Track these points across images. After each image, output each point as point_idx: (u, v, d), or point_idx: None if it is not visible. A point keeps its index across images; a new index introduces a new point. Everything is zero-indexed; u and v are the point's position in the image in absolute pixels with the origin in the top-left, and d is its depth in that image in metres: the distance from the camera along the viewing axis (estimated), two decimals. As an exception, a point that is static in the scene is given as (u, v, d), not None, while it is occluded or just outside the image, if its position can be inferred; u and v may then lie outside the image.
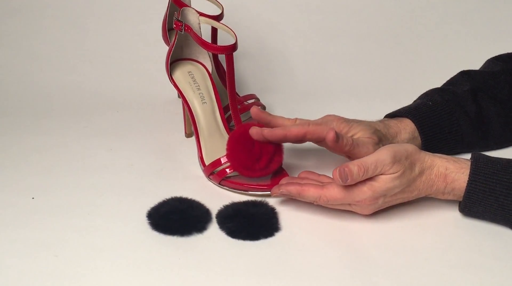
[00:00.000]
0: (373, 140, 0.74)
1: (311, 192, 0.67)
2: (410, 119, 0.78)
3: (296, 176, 0.73)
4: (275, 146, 0.72)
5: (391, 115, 0.81)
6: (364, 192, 0.66)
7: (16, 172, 0.78)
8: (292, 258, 0.63)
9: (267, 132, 0.71)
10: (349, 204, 0.68)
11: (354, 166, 0.64)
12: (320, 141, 0.73)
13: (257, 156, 0.71)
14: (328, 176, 0.71)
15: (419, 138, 0.78)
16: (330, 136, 0.69)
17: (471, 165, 0.67)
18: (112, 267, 0.61)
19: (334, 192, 0.66)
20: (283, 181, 0.71)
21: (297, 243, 0.65)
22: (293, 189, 0.68)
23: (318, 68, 1.04)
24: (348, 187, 0.66)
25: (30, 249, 0.63)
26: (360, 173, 0.64)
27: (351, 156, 0.73)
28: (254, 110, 0.74)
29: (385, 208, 0.69)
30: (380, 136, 0.75)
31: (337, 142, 0.69)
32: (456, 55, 1.03)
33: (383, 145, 0.72)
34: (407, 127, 0.78)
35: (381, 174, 0.65)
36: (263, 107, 0.89)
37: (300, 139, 0.73)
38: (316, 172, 0.72)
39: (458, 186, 0.67)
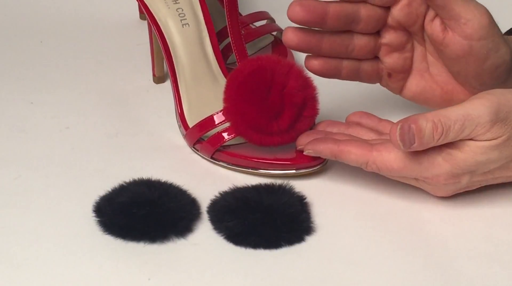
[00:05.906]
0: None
1: (353, 156, 0.60)
2: None
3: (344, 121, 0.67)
4: (306, 92, 0.63)
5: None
6: (439, 164, 0.58)
7: None
8: (333, 276, 0.56)
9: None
10: (416, 179, 0.60)
11: (426, 122, 0.56)
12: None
13: (275, 110, 0.62)
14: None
15: None
16: None
17: None
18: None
19: (389, 159, 0.59)
20: (318, 128, 0.65)
21: (340, 251, 0.58)
22: (325, 148, 0.62)
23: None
24: (413, 153, 0.58)
25: None
26: (435, 135, 0.56)
27: (439, 10, 0.63)
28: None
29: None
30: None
31: None
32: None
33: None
34: None
35: (470, 139, 0.57)
36: (279, 33, 0.80)
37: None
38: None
39: None
